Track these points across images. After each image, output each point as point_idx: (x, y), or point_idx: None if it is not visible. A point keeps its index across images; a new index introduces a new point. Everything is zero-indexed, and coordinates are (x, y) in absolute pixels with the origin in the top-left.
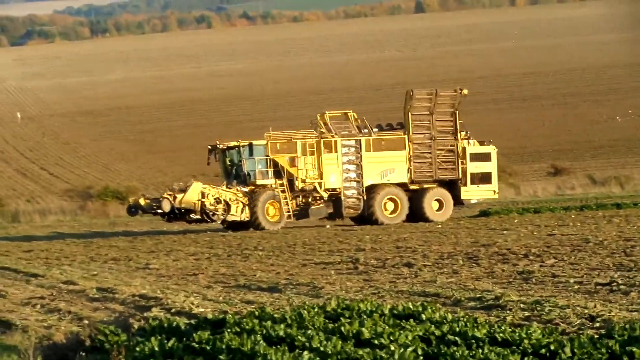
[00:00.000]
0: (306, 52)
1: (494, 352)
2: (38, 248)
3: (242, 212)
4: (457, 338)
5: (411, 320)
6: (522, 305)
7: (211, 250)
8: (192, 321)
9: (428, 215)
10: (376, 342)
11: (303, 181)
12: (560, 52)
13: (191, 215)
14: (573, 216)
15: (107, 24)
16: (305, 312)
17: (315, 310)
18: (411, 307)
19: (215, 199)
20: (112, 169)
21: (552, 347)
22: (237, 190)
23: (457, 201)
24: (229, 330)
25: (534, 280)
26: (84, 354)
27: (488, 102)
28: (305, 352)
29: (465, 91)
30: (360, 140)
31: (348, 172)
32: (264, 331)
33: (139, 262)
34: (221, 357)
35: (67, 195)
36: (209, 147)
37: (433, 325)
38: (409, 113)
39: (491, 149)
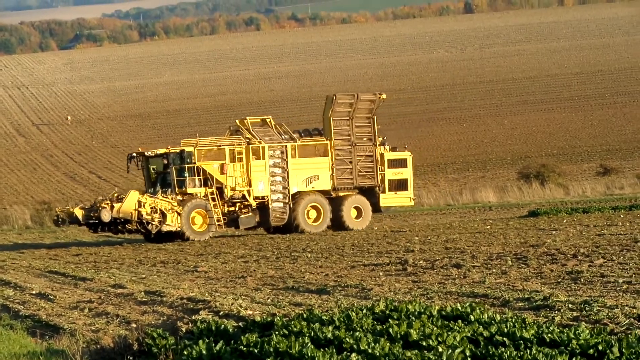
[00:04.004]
0: (355, 53)
1: (542, 353)
2: (86, 252)
3: (176, 221)
4: (505, 339)
5: (459, 321)
6: (570, 306)
7: (259, 252)
8: (240, 324)
9: (347, 224)
10: (424, 343)
11: (233, 189)
12: (609, 52)
13: (126, 226)
14: (622, 216)
15: (156, 27)
16: (354, 313)
17: (364, 311)
18: (459, 308)
19: (151, 208)
20: None
21: (600, 348)
22: (172, 199)
23: (376, 208)
24: (277, 332)
25: (582, 280)
26: (131, 357)
27: (537, 102)
28: (354, 354)
29: (383, 95)
30: (286, 146)
31: (275, 180)
32: (312, 333)
33: (187, 265)
34: (269, 359)
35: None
36: (129, 155)
37: (481, 326)
38: (331, 118)
39: (407, 155)
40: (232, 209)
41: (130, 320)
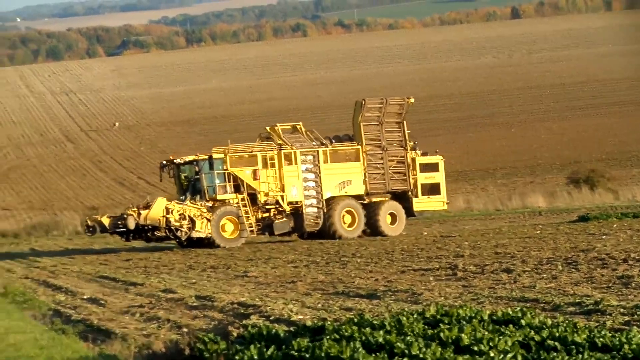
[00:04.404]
0: (402, 59)
1: (594, 358)
2: (137, 257)
3: (206, 227)
4: (556, 343)
5: (510, 325)
6: (621, 310)
7: (309, 257)
8: (291, 328)
9: (383, 229)
10: (476, 348)
11: (266, 195)
12: None
13: (155, 233)
14: None
15: (202, 34)
16: (404, 318)
17: (414, 316)
18: (510, 312)
19: (180, 214)
20: None
21: None
22: (201, 205)
23: (410, 213)
24: (327, 337)
25: (633, 284)
26: None
27: (585, 107)
28: (405, 359)
29: (412, 100)
30: (318, 151)
31: (308, 185)
32: (363, 338)
33: (237, 270)
34: None
35: None
36: (160, 163)
37: (532, 331)
38: (360, 123)
39: (439, 159)
40: (266, 215)
41: (182, 325)
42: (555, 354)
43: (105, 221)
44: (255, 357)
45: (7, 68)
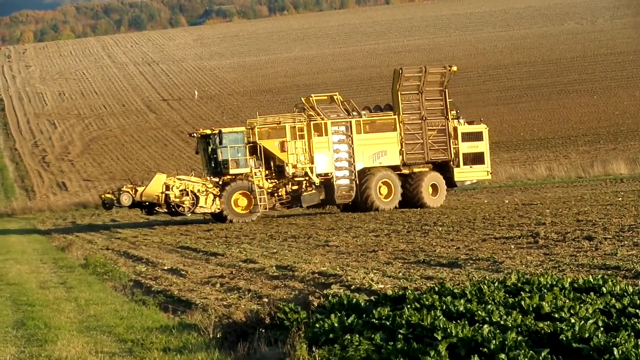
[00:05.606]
0: (485, 26)
1: None
2: (217, 227)
3: (212, 203)
4: (638, 311)
5: (591, 293)
6: None
7: (390, 226)
8: (372, 297)
9: (425, 201)
10: (556, 315)
11: (294, 167)
12: None
13: (157, 209)
14: None
15: (285, 2)
16: (485, 287)
17: (495, 285)
18: (591, 280)
19: (181, 190)
20: None
21: None
22: (207, 180)
23: (450, 184)
24: (408, 306)
25: None
26: (263, 330)
27: None
28: (486, 326)
29: (454, 68)
30: (350, 122)
31: (339, 156)
32: (444, 306)
33: (318, 240)
34: (401, 331)
35: None
36: (189, 134)
37: (614, 298)
38: (398, 93)
39: (482, 128)
40: (295, 187)
41: (262, 295)
42: (636, 320)
43: (106, 196)
44: (336, 325)
45: (89, 39)
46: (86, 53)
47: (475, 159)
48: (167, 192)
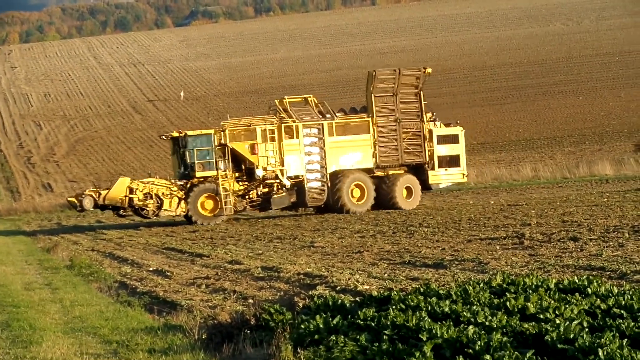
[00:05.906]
0: (471, 27)
1: None
2: (203, 229)
3: (177, 206)
4: (623, 311)
5: (577, 294)
6: None
7: (376, 227)
8: (357, 298)
9: (399, 204)
10: (541, 316)
11: (264, 169)
12: None
13: (120, 212)
14: None
15: (271, 3)
16: (471, 287)
17: (481, 285)
18: (577, 281)
19: (144, 194)
20: None
21: None
22: (172, 183)
23: (425, 186)
24: (394, 307)
25: None
26: (248, 332)
27: None
28: (471, 327)
29: (429, 70)
30: (322, 124)
31: (311, 158)
32: (429, 307)
33: (303, 241)
34: (386, 332)
35: None
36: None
37: (599, 299)
38: (372, 95)
39: (459, 130)
40: (266, 190)
41: (247, 296)
42: (621, 321)
43: (71, 200)
44: (321, 326)
45: (75, 40)
46: (72, 54)
47: (451, 161)
48: (130, 196)
